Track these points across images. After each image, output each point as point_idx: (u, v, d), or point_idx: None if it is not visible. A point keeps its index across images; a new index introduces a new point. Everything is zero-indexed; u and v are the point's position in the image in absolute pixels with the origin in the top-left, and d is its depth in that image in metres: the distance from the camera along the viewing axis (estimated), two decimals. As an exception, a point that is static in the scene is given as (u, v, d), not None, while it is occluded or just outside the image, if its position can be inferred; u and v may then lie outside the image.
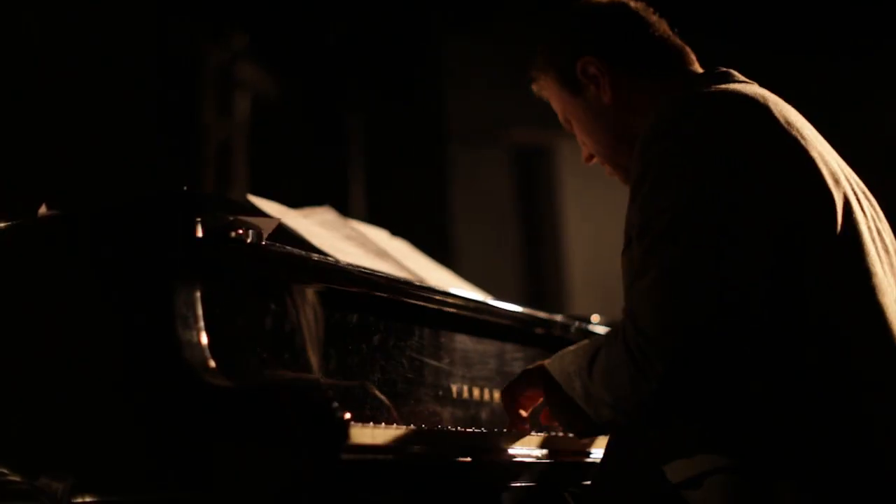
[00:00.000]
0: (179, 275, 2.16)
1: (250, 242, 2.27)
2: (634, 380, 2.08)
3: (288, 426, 2.04)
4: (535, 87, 2.61)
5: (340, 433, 2.05)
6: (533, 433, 2.50)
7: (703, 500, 2.15)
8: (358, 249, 3.01)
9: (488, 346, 2.98)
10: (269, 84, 6.45)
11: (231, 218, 2.28)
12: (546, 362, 2.40)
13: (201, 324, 2.16)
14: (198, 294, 2.17)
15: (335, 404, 2.03)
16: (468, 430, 2.42)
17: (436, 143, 6.74)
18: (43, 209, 2.26)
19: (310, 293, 2.47)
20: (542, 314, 3.13)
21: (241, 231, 2.28)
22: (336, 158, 6.76)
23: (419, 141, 6.69)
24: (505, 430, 2.57)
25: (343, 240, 3.02)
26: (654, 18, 2.51)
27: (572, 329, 3.20)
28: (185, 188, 2.23)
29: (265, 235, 2.35)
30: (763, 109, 2.24)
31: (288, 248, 2.41)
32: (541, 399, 2.50)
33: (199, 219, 2.19)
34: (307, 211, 3.12)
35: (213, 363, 2.13)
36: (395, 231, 6.59)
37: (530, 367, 2.49)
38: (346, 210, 6.70)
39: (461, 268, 6.75)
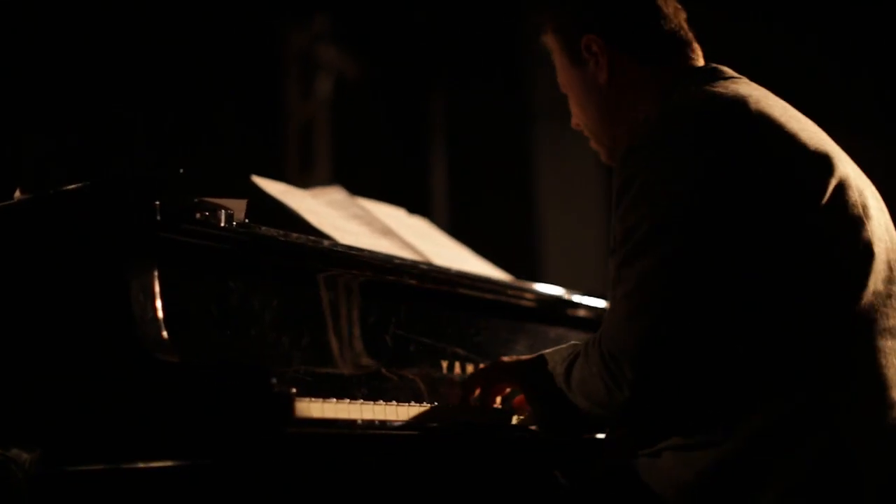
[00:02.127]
0: (135, 254, 2.24)
1: (209, 222, 2.33)
2: (609, 389, 2.16)
3: (228, 401, 2.12)
4: (542, 39, 2.62)
5: (280, 407, 2.11)
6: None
7: (656, 466, 2.24)
8: (362, 228, 3.06)
9: (488, 323, 3.01)
10: (350, 65, 6.53)
11: (195, 199, 2.35)
12: (527, 359, 2.46)
13: (157, 301, 2.24)
14: (154, 273, 2.25)
15: (273, 380, 2.10)
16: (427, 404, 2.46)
17: (520, 121, 6.73)
18: (17, 193, 2.36)
19: (284, 271, 2.53)
20: (550, 290, 3.16)
21: (206, 212, 2.35)
22: (418, 138, 6.81)
23: (503, 119, 6.69)
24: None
25: (348, 219, 3.07)
26: (671, 9, 2.50)
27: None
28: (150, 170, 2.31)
29: (237, 216, 2.42)
30: (739, 116, 2.24)
31: (259, 228, 2.47)
32: (507, 390, 2.55)
33: (156, 200, 2.26)
34: (317, 191, 3.19)
35: (166, 339, 2.21)
36: (480, 212, 6.64)
37: (508, 360, 2.53)
38: (427, 191, 6.78)
39: (547, 246, 6.77)
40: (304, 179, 6.29)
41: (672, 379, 2.16)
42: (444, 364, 2.85)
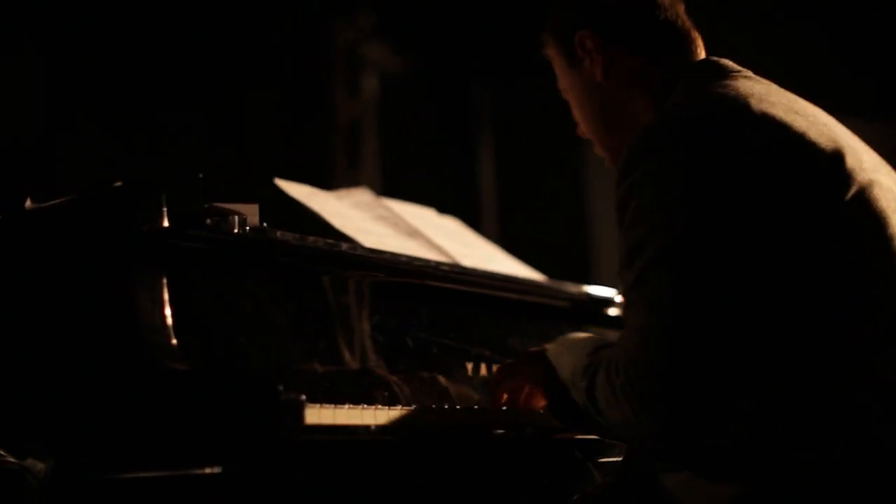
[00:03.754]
0: (144, 260, 2.23)
1: (220, 227, 2.31)
2: (638, 418, 2.05)
3: (236, 409, 2.10)
4: (544, 51, 2.57)
5: (288, 414, 2.09)
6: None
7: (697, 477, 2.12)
8: (387, 229, 3.04)
9: (517, 324, 2.97)
10: (396, 63, 6.51)
11: (205, 204, 2.34)
12: (553, 362, 2.34)
13: (166, 308, 2.22)
14: (163, 280, 2.23)
15: (280, 387, 2.07)
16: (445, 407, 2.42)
17: (570, 117, 6.64)
18: (28, 202, 2.36)
19: (300, 275, 2.51)
20: (570, 288, 3.11)
21: (217, 217, 2.34)
22: (465, 136, 6.78)
23: (552, 115, 6.60)
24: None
25: (374, 220, 3.05)
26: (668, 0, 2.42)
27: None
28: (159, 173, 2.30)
29: (251, 220, 2.41)
30: (739, 122, 2.12)
31: (274, 232, 2.45)
32: (527, 389, 2.47)
33: (164, 206, 2.25)
34: (342, 193, 3.17)
35: (174, 347, 2.19)
36: (529, 210, 6.59)
37: (533, 360, 2.42)
38: (475, 188, 6.74)
39: (599, 245, 6.70)
40: (350, 178, 6.28)
41: (699, 403, 2.04)
42: (470, 366, 2.82)
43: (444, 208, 6.34)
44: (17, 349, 2.32)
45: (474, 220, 6.66)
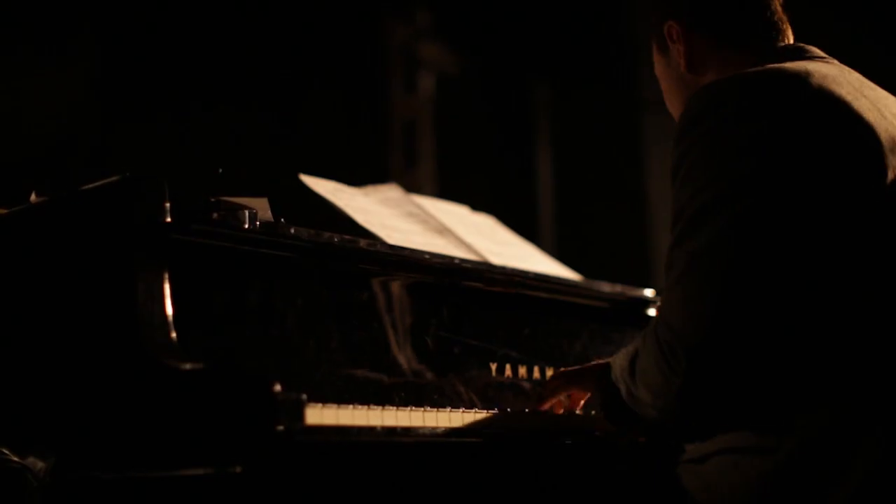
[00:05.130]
0: (145, 256, 2.18)
1: (227, 223, 2.26)
2: (666, 376, 2.05)
3: (234, 408, 2.04)
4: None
5: (286, 414, 2.03)
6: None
7: (704, 473, 2.12)
8: (415, 226, 2.97)
9: (547, 323, 2.89)
10: (453, 61, 6.44)
11: (212, 199, 2.29)
12: (597, 364, 2.43)
13: (167, 305, 2.17)
14: (164, 275, 2.18)
15: (276, 387, 2.01)
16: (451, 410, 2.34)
17: (629, 116, 6.54)
18: (33, 196, 2.32)
19: (311, 271, 2.45)
20: (605, 287, 3.02)
21: (224, 213, 2.29)
22: (522, 135, 6.69)
23: (610, 114, 6.51)
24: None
25: (401, 217, 2.98)
26: None
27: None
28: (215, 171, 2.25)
29: (262, 215, 2.36)
30: (790, 90, 2.12)
31: (288, 227, 2.39)
32: (588, 395, 2.51)
33: (167, 202, 2.20)
34: (370, 189, 3.10)
35: (175, 345, 2.14)
36: (588, 209, 6.48)
37: (594, 365, 2.47)
38: (532, 188, 6.65)
39: (659, 242, 6.58)
40: (408, 177, 6.23)
41: (727, 367, 2.01)
42: (494, 366, 2.74)
43: (501, 208, 6.27)
44: (17, 346, 2.28)
45: (531, 220, 6.59)
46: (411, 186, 6.27)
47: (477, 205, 3.50)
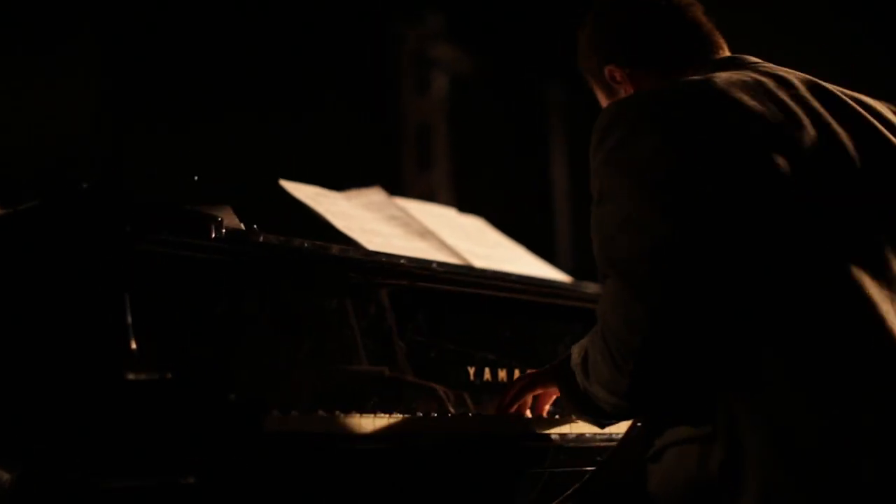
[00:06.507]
0: (104, 267, 2.19)
1: (190, 232, 2.27)
2: (614, 375, 2.09)
3: (193, 417, 2.05)
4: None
5: (245, 423, 2.04)
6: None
7: (660, 470, 2.16)
8: (397, 230, 2.96)
9: (529, 325, 2.88)
10: (465, 62, 6.43)
11: (182, 208, 2.30)
12: (560, 359, 2.42)
13: (126, 316, 2.17)
14: (125, 286, 2.19)
15: (232, 395, 2.02)
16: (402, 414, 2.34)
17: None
18: (-1, 209, 2.34)
19: (282, 277, 2.45)
20: (590, 289, 3.00)
21: (188, 222, 2.29)
22: (537, 135, 6.66)
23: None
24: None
25: (383, 221, 2.98)
26: (682, 9, 2.43)
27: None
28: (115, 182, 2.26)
29: (228, 223, 2.36)
30: (692, 98, 2.14)
31: (258, 235, 2.39)
32: (555, 395, 2.52)
33: (131, 210, 2.21)
34: (353, 193, 3.10)
35: (135, 354, 2.14)
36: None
37: (557, 362, 2.47)
38: (548, 188, 6.62)
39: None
40: (422, 180, 6.22)
41: (670, 367, 2.05)
42: (472, 370, 2.73)
43: (515, 210, 6.25)
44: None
45: (546, 222, 6.57)
46: (426, 188, 6.27)
47: (491, 206, 3.48)
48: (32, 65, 4.75)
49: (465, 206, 3.73)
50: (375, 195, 3.11)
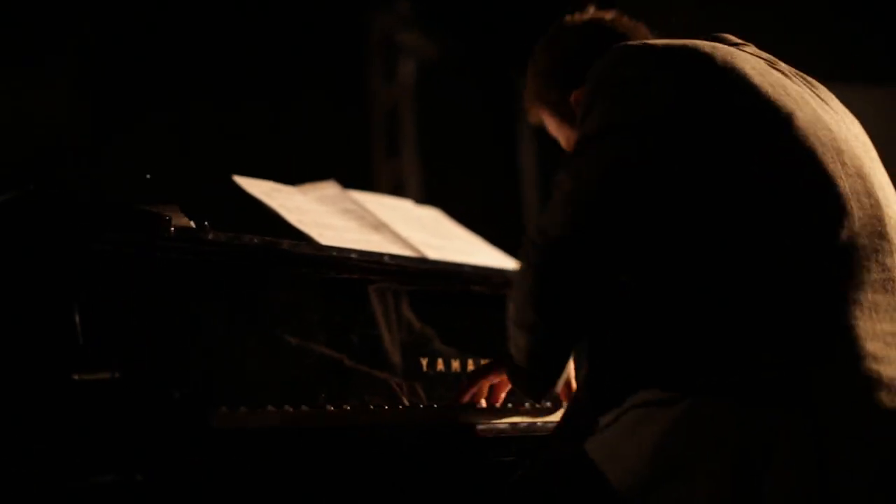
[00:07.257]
0: (51, 268, 2.20)
1: (142, 230, 2.29)
2: (519, 275, 2.20)
3: (139, 417, 2.08)
4: (530, 120, 2.68)
5: (190, 420, 2.07)
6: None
7: (616, 435, 2.15)
8: (350, 223, 2.98)
9: (485, 317, 2.90)
10: (433, 48, 6.43)
11: (132, 207, 2.31)
12: None
13: (74, 315, 2.19)
14: (72, 286, 2.20)
15: (176, 393, 2.04)
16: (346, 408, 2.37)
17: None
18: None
19: (232, 274, 2.47)
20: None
21: (139, 221, 2.31)
22: (505, 121, 6.67)
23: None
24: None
25: (337, 214, 3.00)
26: (630, 26, 2.55)
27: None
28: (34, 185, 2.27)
29: (176, 221, 2.38)
30: (703, 58, 2.17)
31: (208, 232, 2.40)
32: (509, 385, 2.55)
33: (77, 210, 2.23)
34: (308, 187, 3.11)
35: (84, 354, 2.16)
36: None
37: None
38: (516, 174, 6.63)
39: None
40: (390, 167, 6.24)
41: (573, 262, 2.14)
42: (425, 361, 2.76)
43: (485, 196, 6.26)
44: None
45: (516, 208, 6.58)
46: (394, 175, 6.29)
47: (460, 193, 3.48)
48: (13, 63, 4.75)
49: (432, 192, 3.75)
50: (330, 189, 3.13)
